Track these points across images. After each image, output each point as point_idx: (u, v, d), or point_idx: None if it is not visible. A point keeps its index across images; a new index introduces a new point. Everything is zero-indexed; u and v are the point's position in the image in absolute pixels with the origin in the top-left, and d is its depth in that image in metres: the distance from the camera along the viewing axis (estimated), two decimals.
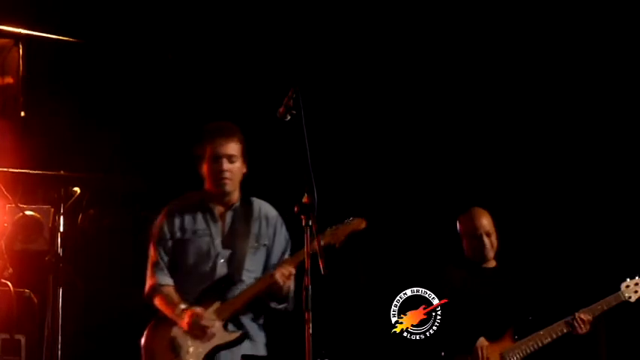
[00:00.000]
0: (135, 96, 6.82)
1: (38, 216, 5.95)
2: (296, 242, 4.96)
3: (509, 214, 6.36)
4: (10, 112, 6.01)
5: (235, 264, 5.02)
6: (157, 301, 5.02)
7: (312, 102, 4.76)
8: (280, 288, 4.91)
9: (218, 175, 5.01)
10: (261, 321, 5.12)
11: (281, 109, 4.40)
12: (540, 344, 5.65)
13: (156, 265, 5.07)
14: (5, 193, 5.64)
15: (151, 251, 5.12)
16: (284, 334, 5.36)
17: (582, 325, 5.61)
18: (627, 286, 5.67)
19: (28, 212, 5.91)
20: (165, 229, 5.07)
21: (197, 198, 5.11)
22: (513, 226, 6.35)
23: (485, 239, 5.83)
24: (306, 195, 4.24)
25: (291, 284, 4.97)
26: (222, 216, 5.09)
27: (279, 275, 4.88)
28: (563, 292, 6.36)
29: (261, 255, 5.10)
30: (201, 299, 4.95)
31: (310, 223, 4.20)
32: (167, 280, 5.04)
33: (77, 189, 5.68)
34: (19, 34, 5.88)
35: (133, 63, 6.76)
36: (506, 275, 5.86)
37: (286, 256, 5.10)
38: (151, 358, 4.97)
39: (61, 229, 5.60)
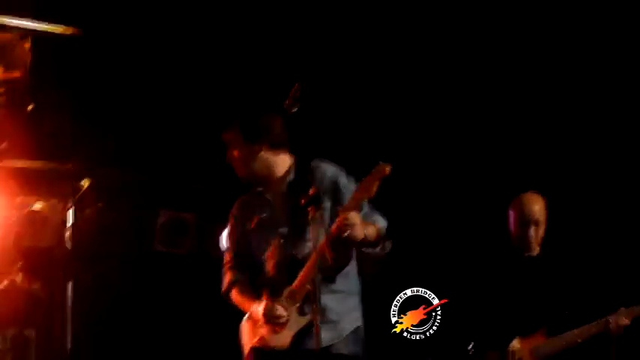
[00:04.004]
0: (143, 89, 6.81)
1: (46, 210, 5.95)
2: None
3: (560, 201, 5.95)
4: (17, 106, 6.00)
5: (295, 239, 4.65)
6: (234, 299, 4.83)
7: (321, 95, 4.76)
8: (347, 240, 4.41)
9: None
10: (346, 295, 4.68)
11: (287, 102, 4.38)
12: (573, 343, 5.43)
13: (228, 263, 4.89)
14: (13, 187, 5.65)
15: (225, 251, 4.96)
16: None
17: (617, 329, 5.39)
18: None
19: (36, 207, 5.92)
20: (233, 224, 4.88)
21: (256, 188, 4.79)
22: (564, 214, 5.99)
23: (532, 229, 5.59)
24: (313, 187, 4.22)
25: (358, 230, 4.41)
26: (278, 196, 4.76)
27: (334, 228, 4.39)
28: (605, 292, 5.90)
29: (324, 220, 4.53)
30: (275, 287, 4.60)
31: (318, 215, 4.15)
32: (238, 276, 4.83)
33: (85, 182, 5.65)
34: (27, 28, 5.87)
35: (141, 56, 6.75)
36: (548, 265, 5.62)
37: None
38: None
39: (70, 223, 5.58)
